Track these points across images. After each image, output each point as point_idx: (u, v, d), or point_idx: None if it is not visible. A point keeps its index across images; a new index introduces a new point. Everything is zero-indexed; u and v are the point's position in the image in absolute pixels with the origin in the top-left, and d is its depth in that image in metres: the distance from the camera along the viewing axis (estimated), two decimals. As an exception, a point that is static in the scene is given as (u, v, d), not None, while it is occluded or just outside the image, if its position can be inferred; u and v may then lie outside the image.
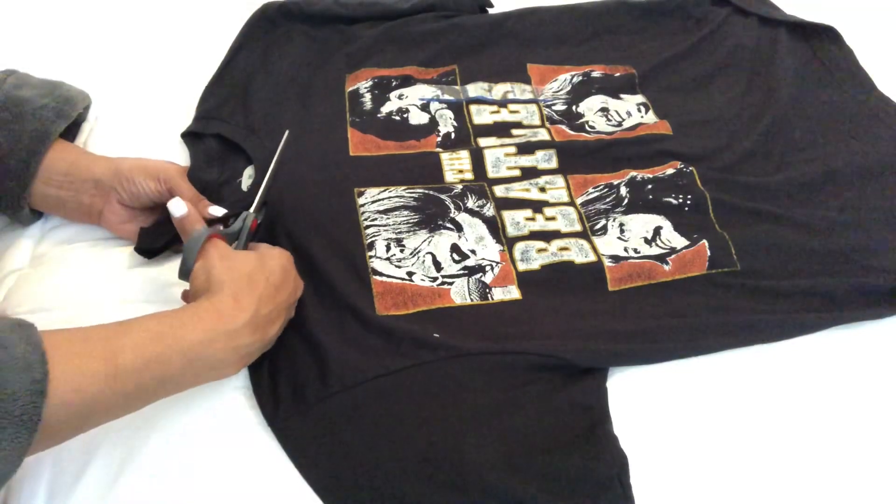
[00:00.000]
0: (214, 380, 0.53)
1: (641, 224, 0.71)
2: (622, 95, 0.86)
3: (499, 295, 0.64)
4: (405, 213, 0.70)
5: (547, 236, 0.69)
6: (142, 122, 0.79)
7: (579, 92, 0.86)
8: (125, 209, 0.66)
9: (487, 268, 0.66)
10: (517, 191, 0.73)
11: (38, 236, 0.69)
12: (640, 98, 0.86)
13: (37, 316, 0.61)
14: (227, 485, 0.52)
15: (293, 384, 0.57)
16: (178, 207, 0.61)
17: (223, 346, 0.51)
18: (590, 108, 0.84)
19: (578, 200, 0.73)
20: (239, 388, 0.58)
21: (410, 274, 0.65)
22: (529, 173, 0.75)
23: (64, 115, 0.66)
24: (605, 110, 0.84)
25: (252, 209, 0.64)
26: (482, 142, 0.79)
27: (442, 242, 0.68)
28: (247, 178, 0.74)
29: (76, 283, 0.64)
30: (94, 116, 0.77)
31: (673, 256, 0.67)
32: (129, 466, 0.53)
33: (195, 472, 0.53)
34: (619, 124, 0.82)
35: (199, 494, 0.52)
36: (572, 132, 0.80)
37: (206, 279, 0.55)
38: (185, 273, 0.57)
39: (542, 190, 0.74)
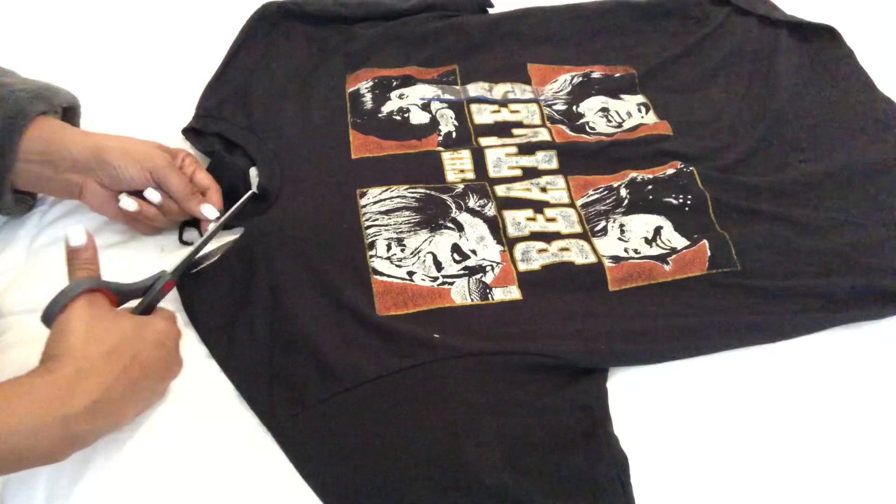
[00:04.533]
0: (41, 465, 0.47)
1: (642, 224, 0.71)
2: (622, 96, 0.86)
3: (499, 295, 0.64)
4: (406, 213, 0.70)
5: (547, 237, 0.69)
6: (142, 121, 0.79)
7: (579, 93, 0.86)
8: (105, 190, 0.63)
9: (488, 268, 0.66)
10: (518, 190, 0.73)
11: (34, 234, 0.69)
12: (640, 98, 0.86)
13: (32, 317, 0.61)
14: (226, 486, 0.52)
15: (292, 385, 0.57)
16: (75, 236, 0.52)
17: (52, 434, 0.44)
18: (590, 108, 0.84)
19: (578, 202, 0.73)
20: (237, 390, 0.58)
21: (411, 274, 0.65)
22: (530, 173, 0.75)
23: (43, 98, 0.63)
24: (605, 111, 0.84)
25: (171, 270, 0.59)
26: (483, 141, 0.79)
27: (443, 242, 0.68)
28: (253, 178, 0.74)
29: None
30: (94, 115, 0.77)
31: (673, 256, 0.67)
32: (127, 468, 0.53)
33: (194, 473, 0.53)
34: (620, 125, 0.82)
35: (199, 496, 0.52)
36: (573, 133, 0.80)
37: (58, 341, 0.47)
38: (46, 322, 0.49)
39: (544, 190, 0.74)
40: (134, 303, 0.57)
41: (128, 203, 0.62)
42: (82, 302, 0.49)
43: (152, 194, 0.64)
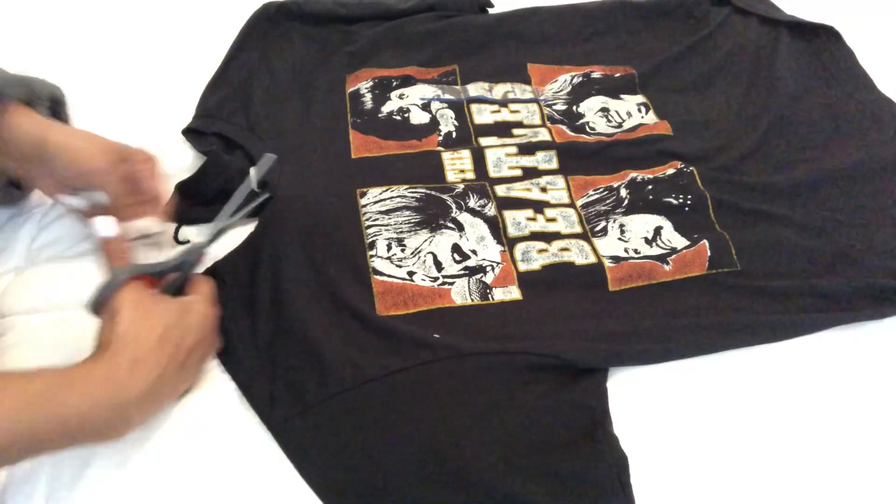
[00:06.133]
0: (99, 443, 0.50)
1: (642, 224, 0.71)
2: (622, 96, 0.86)
3: (499, 295, 0.64)
4: (407, 213, 0.70)
5: (548, 237, 0.69)
6: (142, 121, 0.79)
7: (579, 93, 0.86)
8: (56, 182, 0.60)
9: (488, 268, 0.66)
10: (518, 190, 0.73)
11: (35, 234, 0.69)
12: (640, 98, 0.86)
13: (32, 317, 0.62)
14: (227, 486, 0.52)
15: (292, 385, 0.57)
16: (105, 228, 0.55)
17: (108, 417, 0.47)
18: (590, 108, 0.84)
19: (578, 202, 0.73)
20: (237, 388, 0.58)
21: (411, 274, 0.65)
22: (531, 173, 0.75)
23: (22, 84, 0.60)
24: (605, 111, 0.84)
25: (203, 241, 0.60)
26: (483, 141, 0.79)
27: (443, 242, 0.68)
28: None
29: (72, 283, 0.64)
30: (95, 116, 0.77)
31: (673, 256, 0.67)
32: (127, 468, 0.53)
33: (194, 473, 0.53)
34: (620, 125, 0.82)
35: (199, 495, 0.52)
36: (573, 133, 0.80)
37: (110, 330, 0.50)
38: (93, 310, 0.52)
39: (544, 190, 0.74)
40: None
41: (68, 202, 0.59)
42: (127, 291, 0.51)
43: (105, 225, 0.59)
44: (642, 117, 0.83)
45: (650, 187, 0.74)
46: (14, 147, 0.59)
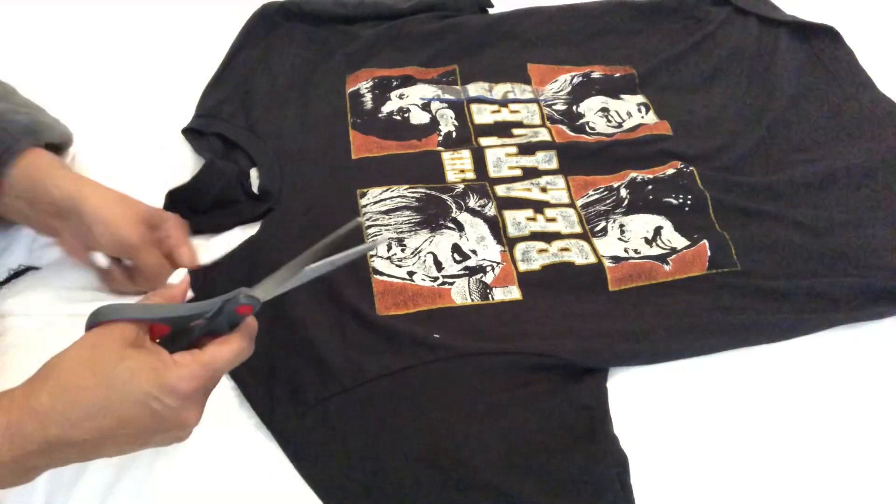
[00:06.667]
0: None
1: (642, 224, 0.71)
2: (622, 96, 0.86)
3: (499, 295, 0.64)
4: (407, 213, 0.70)
5: (548, 237, 0.69)
6: (142, 121, 0.79)
7: (579, 93, 0.86)
8: (79, 241, 0.60)
9: (488, 268, 0.66)
10: (518, 190, 0.73)
11: (35, 234, 0.69)
12: (640, 98, 0.86)
13: (32, 317, 0.62)
14: (227, 486, 0.52)
15: (292, 385, 0.57)
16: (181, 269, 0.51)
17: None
18: (590, 108, 0.84)
19: (578, 202, 0.73)
20: (237, 388, 0.58)
21: (411, 273, 0.65)
22: (531, 173, 0.75)
23: (32, 132, 0.61)
24: (605, 111, 0.84)
25: (250, 290, 0.45)
26: (483, 141, 0.79)
27: (443, 242, 0.68)
28: (254, 179, 0.74)
29: (72, 283, 0.64)
30: (95, 116, 0.77)
31: (673, 256, 0.67)
32: (126, 468, 0.52)
33: (194, 473, 0.53)
34: (620, 125, 0.82)
35: (199, 496, 0.52)
36: (573, 133, 0.80)
37: (48, 371, 0.42)
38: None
39: (544, 190, 0.74)
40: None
41: (99, 260, 0.59)
42: (90, 338, 0.44)
43: (120, 262, 0.60)
44: (642, 117, 0.83)
45: (650, 187, 0.74)
46: (45, 199, 0.59)
